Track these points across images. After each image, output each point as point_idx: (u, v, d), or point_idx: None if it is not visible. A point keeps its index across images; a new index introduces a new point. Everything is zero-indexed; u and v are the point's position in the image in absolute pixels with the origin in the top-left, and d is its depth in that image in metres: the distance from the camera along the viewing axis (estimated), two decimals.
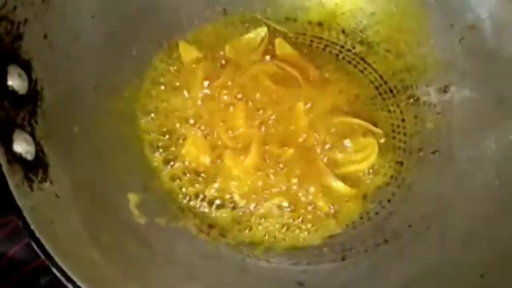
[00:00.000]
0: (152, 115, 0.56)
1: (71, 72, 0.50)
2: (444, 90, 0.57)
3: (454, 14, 0.57)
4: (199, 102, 0.57)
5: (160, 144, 0.55)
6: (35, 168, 0.41)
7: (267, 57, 0.59)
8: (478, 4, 0.55)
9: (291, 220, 0.53)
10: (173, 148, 0.55)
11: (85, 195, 0.46)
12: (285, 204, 0.53)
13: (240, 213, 0.53)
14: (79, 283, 0.36)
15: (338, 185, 0.54)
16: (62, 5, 0.49)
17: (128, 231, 0.47)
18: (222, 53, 0.60)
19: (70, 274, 0.36)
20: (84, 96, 0.51)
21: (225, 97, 0.57)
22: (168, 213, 0.52)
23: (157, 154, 0.54)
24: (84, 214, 0.44)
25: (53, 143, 0.45)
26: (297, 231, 0.53)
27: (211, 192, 0.54)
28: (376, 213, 0.54)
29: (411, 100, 0.58)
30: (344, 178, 0.54)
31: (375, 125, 0.57)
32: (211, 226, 0.53)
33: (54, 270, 0.36)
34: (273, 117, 0.56)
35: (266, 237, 0.52)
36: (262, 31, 0.61)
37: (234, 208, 0.53)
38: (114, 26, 0.55)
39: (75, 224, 0.42)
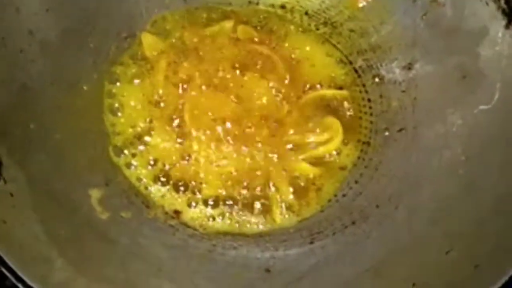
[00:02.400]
0: (115, 116, 0.55)
1: (26, 68, 0.49)
2: (408, 67, 0.56)
3: None
4: (164, 95, 0.56)
5: (125, 144, 0.54)
6: None
7: (231, 43, 0.58)
8: None
9: (259, 207, 0.53)
10: (139, 147, 0.54)
11: (43, 193, 0.45)
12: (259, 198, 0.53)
13: (209, 202, 0.53)
14: (29, 282, 0.35)
15: (307, 169, 0.54)
16: (15, 0, 0.49)
17: (88, 228, 0.46)
18: (184, 41, 0.59)
19: (20, 273, 0.36)
20: (40, 93, 0.50)
21: (190, 86, 0.56)
22: (132, 207, 0.51)
23: (122, 156, 0.53)
24: (41, 212, 0.43)
25: (7, 141, 0.44)
26: (266, 217, 0.52)
27: (179, 183, 0.53)
28: (344, 195, 0.53)
29: (377, 80, 0.57)
30: (310, 161, 0.54)
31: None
32: (178, 216, 0.52)
33: (3, 270, 0.35)
34: (241, 103, 0.56)
35: (236, 225, 0.52)
36: (228, 23, 0.60)
37: (203, 198, 0.53)
38: (70, 19, 0.54)
39: (31, 223, 0.42)
